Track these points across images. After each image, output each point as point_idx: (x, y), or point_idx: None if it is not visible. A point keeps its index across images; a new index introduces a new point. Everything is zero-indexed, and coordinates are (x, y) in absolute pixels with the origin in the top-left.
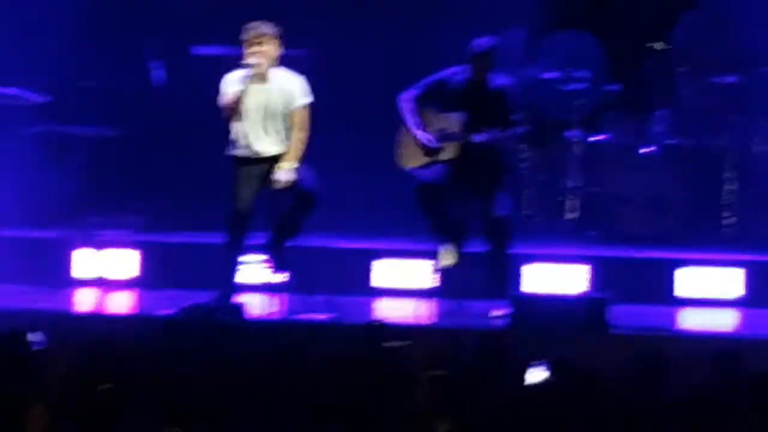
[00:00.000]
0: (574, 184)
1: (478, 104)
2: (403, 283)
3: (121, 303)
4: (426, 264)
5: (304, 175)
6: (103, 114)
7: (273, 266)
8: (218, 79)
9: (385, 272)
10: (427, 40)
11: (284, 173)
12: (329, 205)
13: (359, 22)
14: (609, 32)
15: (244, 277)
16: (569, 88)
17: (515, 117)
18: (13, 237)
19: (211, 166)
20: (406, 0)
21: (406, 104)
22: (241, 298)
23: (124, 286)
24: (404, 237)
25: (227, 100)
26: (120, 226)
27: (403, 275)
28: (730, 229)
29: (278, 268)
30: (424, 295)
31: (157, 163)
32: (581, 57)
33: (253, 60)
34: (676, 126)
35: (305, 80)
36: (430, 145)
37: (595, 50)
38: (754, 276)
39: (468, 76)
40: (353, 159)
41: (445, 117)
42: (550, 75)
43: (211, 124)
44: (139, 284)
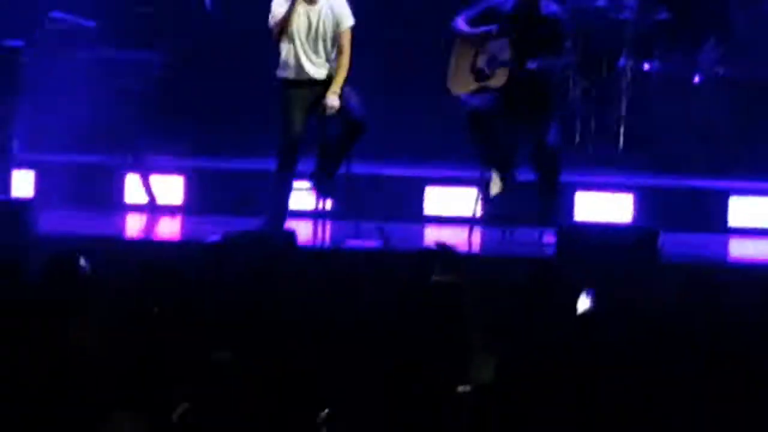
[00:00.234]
0: (625, 112)
1: (529, 30)
2: (454, 211)
3: (172, 228)
4: (477, 192)
5: (353, 101)
6: (155, 38)
7: (321, 193)
8: (268, 1)
9: (436, 199)
10: None
11: (335, 98)
12: (378, 132)
13: None
14: None
15: (294, 204)
16: (620, 16)
17: (566, 44)
18: (66, 162)
19: (261, 91)
20: None
21: (462, 26)
22: (292, 224)
23: (172, 211)
24: (454, 164)
25: (276, 20)
26: (169, 152)
27: (453, 203)
28: None
29: (326, 194)
30: (474, 222)
31: (208, 87)
32: None
33: None
34: (728, 56)
35: (348, 2)
36: (486, 65)
37: None
38: None
39: (519, 1)
40: (401, 85)
41: (496, 43)
42: (600, 3)
43: (262, 48)
44: (188, 210)
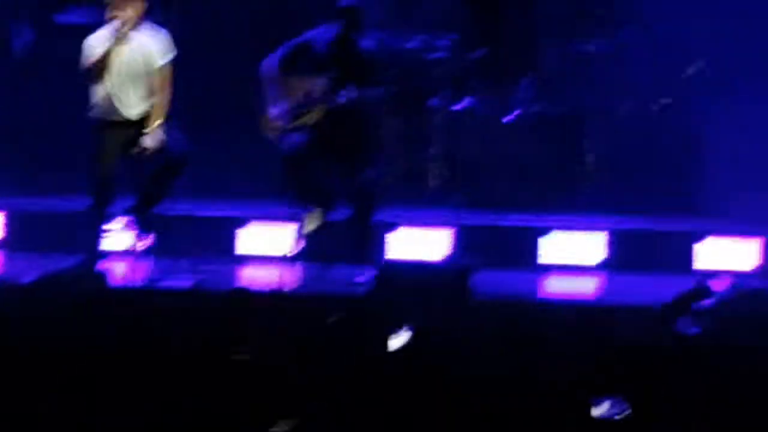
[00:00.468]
0: (437, 151)
1: (344, 63)
2: (269, 250)
3: None
4: (292, 230)
5: (172, 137)
6: None
7: (138, 232)
8: (79, 43)
9: (251, 238)
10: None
11: (151, 138)
12: (195, 169)
13: None
14: None
15: (107, 244)
16: (432, 56)
17: (378, 78)
18: None
19: (74, 131)
20: None
21: (267, 74)
22: (105, 264)
23: None
24: (270, 202)
25: (93, 61)
26: None
27: (269, 241)
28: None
29: (143, 233)
30: (288, 261)
31: (22, 128)
32: (444, 23)
33: (116, 23)
34: (539, 93)
35: (167, 36)
36: (281, 123)
37: (458, 16)
38: (616, 241)
39: (333, 35)
40: (217, 123)
41: (310, 80)
42: (412, 44)
43: (73, 89)
44: (5, 247)
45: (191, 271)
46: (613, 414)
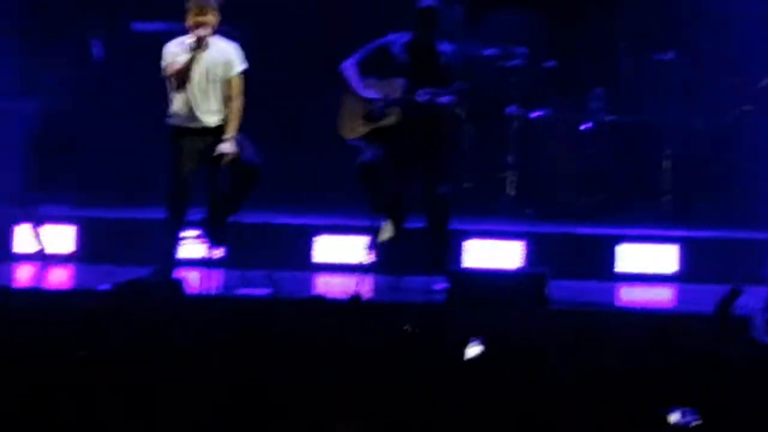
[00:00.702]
0: (513, 160)
1: (421, 65)
2: (344, 259)
3: (60, 278)
4: (366, 239)
5: (247, 149)
6: (44, 89)
7: (211, 242)
8: (157, 52)
9: (326, 248)
10: (367, 11)
11: (229, 145)
12: (270, 180)
13: None
14: (547, 8)
15: (183, 253)
16: (508, 64)
17: (457, 81)
18: None
19: (150, 141)
20: None
21: (349, 70)
22: (180, 273)
23: (62, 260)
24: (345, 212)
25: (176, 68)
26: (59, 202)
27: (343, 251)
28: (666, 206)
29: (216, 243)
30: (364, 270)
31: (97, 138)
32: (520, 33)
33: (199, 30)
34: (614, 103)
35: (239, 48)
36: (376, 106)
37: (534, 26)
38: (688, 252)
39: (410, 39)
40: (292, 133)
41: (387, 83)
42: (489, 51)
43: (150, 99)
44: (77, 259)
45: (267, 279)
46: (685, 423)
